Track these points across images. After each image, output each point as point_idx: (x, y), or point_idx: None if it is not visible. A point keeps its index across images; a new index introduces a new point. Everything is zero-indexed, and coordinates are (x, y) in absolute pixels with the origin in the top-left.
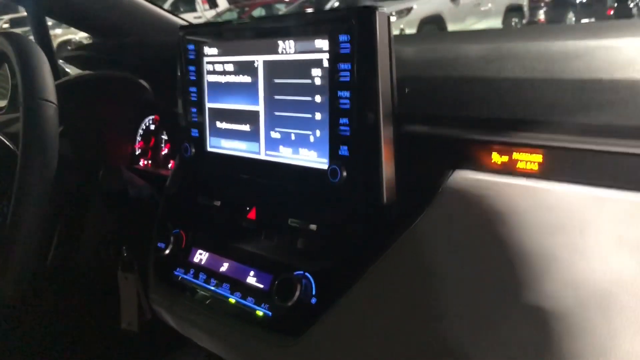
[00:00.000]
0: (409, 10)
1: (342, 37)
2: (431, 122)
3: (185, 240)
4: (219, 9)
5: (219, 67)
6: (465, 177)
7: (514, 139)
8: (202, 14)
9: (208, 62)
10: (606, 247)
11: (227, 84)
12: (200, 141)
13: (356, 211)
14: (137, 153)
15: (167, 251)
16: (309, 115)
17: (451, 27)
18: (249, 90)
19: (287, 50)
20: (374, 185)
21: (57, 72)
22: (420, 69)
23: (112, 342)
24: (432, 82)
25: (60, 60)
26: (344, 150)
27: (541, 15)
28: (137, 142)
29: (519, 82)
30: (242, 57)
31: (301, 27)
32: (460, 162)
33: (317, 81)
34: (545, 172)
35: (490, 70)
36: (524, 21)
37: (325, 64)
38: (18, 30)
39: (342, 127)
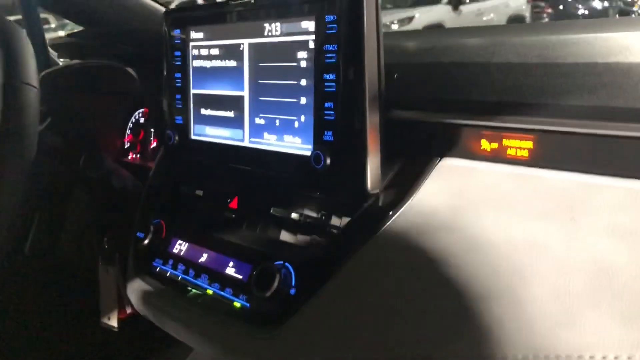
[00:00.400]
0: (410, 19)
1: (329, 18)
2: (419, 108)
3: (165, 230)
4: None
5: (204, 52)
6: (454, 164)
7: (504, 123)
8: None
9: (194, 47)
10: (598, 235)
11: (213, 69)
12: (185, 129)
13: (340, 200)
14: (126, 147)
15: (146, 241)
16: (294, 100)
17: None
18: (234, 75)
19: (273, 32)
20: (358, 173)
21: (49, 62)
22: (410, 55)
23: (91, 338)
24: (422, 67)
25: (53, 52)
26: (328, 135)
27: None
28: (126, 135)
29: (511, 67)
30: (227, 41)
31: (287, 8)
32: (449, 149)
33: (303, 64)
34: (536, 159)
35: (482, 56)
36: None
37: (312, 45)
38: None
39: (327, 112)
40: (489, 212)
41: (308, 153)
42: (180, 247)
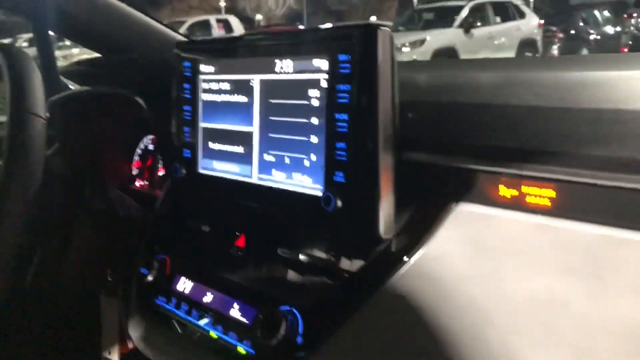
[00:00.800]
0: (422, 41)
1: (342, 57)
2: (434, 150)
3: (169, 267)
4: (235, 35)
5: (214, 86)
6: (470, 210)
7: (524, 170)
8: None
9: (204, 80)
10: (624, 293)
11: (222, 103)
12: (192, 162)
13: (350, 244)
14: (133, 173)
15: (150, 277)
16: (305, 138)
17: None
18: (244, 110)
19: (285, 69)
20: (370, 217)
21: (59, 87)
22: (425, 94)
23: None
24: (437, 107)
25: (64, 78)
26: (339, 176)
27: (554, 50)
28: (134, 162)
29: (531, 110)
30: (238, 76)
31: (300, 45)
32: (465, 194)
33: (315, 102)
34: (558, 208)
35: (500, 97)
36: (537, 56)
37: (324, 84)
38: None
39: (338, 152)
40: (508, 263)
41: (318, 193)
42: (185, 285)
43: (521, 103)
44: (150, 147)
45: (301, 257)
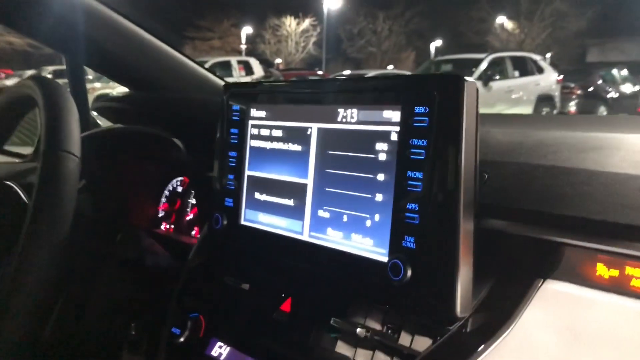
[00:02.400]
0: None
1: (419, 109)
2: (517, 219)
3: (203, 328)
4: (255, 77)
5: (265, 132)
6: (560, 290)
7: (630, 249)
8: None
9: (253, 126)
10: None
11: (273, 150)
12: (234, 212)
13: (421, 321)
14: (160, 215)
15: (182, 339)
16: (368, 195)
17: (482, 112)
18: (297, 160)
19: (348, 119)
20: (446, 291)
21: (88, 123)
22: (501, 153)
23: None
24: (518, 169)
25: (94, 113)
26: (409, 241)
27: (572, 106)
28: (161, 203)
29: (630, 179)
30: (293, 123)
31: (367, 94)
32: (553, 271)
33: (382, 156)
34: None
35: (592, 160)
36: (555, 111)
37: (394, 137)
38: (59, 82)
39: (409, 214)
40: (607, 355)
41: (382, 258)
42: (221, 350)
43: (618, 170)
44: (179, 189)
45: (359, 331)
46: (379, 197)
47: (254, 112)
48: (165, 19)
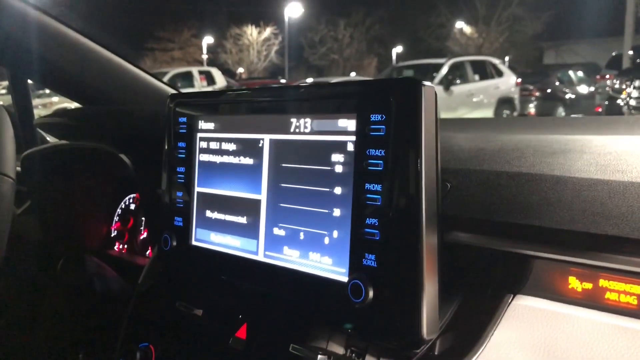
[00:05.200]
0: None
1: (375, 117)
2: (483, 231)
3: (154, 359)
4: (217, 87)
5: (214, 145)
6: (531, 306)
7: (602, 260)
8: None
9: (202, 139)
10: None
11: (223, 165)
12: (184, 232)
13: (385, 345)
14: (112, 235)
15: None
16: (325, 210)
17: (443, 116)
18: (249, 174)
19: (302, 129)
20: (411, 312)
21: (35, 140)
22: (463, 160)
23: None
24: (482, 177)
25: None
26: (370, 259)
27: (531, 108)
28: (113, 222)
29: (595, 183)
30: (244, 135)
31: (321, 102)
32: (523, 285)
33: (338, 168)
34: None
35: (558, 165)
36: (515, 114)
37: (350, 147)
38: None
39: (368, 229)
40: None
41: (342, 278)
42: None
43: (587, 175)
44: (132, 206)
45: (320, 357)
46: (336, 212)
47: (202, 124)
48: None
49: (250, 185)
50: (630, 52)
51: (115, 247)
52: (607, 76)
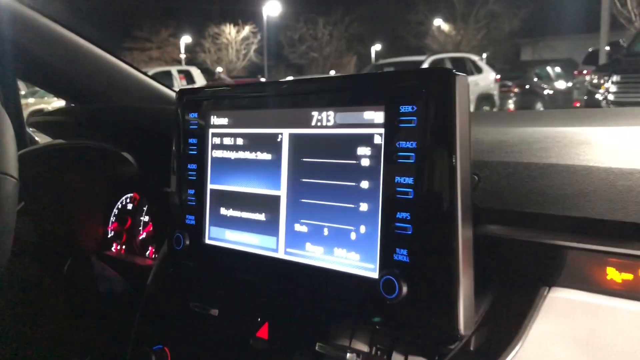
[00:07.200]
0: None
1: (405, 109)
2: (515, 223)
3: None
4: (196, 86)
5: (228, 141)
6: (569, 298)
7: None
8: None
9: (214, 135)
10: None
11: (238, 161)
12: (197, 230)
13: (419, 342)
14: (109, 236)
15: None
16: (351, 205)
17: None
18: (267, 170)
19: (324, 122)
20: (448, 307)
21: (25, 140)
22: (485, 152)
23: None
24: (510, 169)
25: (31, 129)
26: (401, 254)
27: (510, 104)
28: (110, 223)
29: (633, 174)
30: (261, 130)
31: (345, 94)
32: (559, 277)
33: (365, 162)
34: None
35: (586, 156)
36: (495, 109)
37: (378, 140)
38: None
39: (399, 224)
40: None
41: (371, 274)
42: None
43: (620, 165)
44: (129, 206)
45: (349, 356)
46: (363, 206)
47: (214, 120)
48: (101, 30)
49: (268, 181)
50: (607, 48)
51: (113, 248)
52: (585, 72)
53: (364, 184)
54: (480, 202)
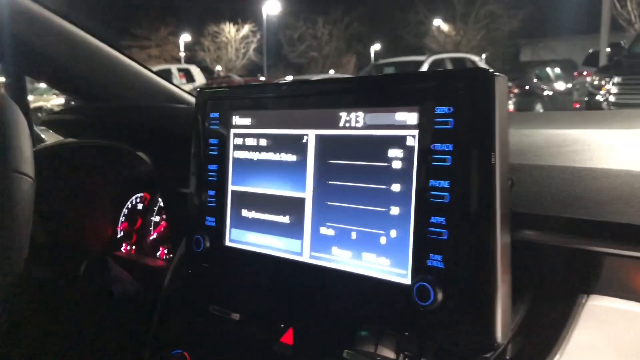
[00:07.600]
0: None
1: (441, 110)
2: (552, 228)
3: None
4: (196, 84)
5: (250, 141)
6: (608, 306)
7: None
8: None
9: (236, 135)
10: None
11: (261, 162)
12: (218, 232)
13: (453, 350)
14: (118, 236)
15: None
16: (381, 209)
17: None
18: (291, 171)
19: (353, 123)
20: (485, 315)
21: (32, 138)
22: (513, 156)
23: None
24: (544, 173)
25: (42, 127)
26: (436, 260)
27: (510, 105)
28: (120, 223)
29: None
30: (285, 130)
31: (375, 95)
32: (598, 284)
33: (397, 164)
34: None
35: (624, 160)
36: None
37: (411, 142)
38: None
39: (434, 229)
40: None
41: (402, 280)
42: None
43: None
44: (140, 206)
45: None
46: (394, 210)
47: (236, 120)
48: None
49: (292, 183)
50: (608, 49)
51: (122, 249)
52: (585, 73)
53: (395, 187)
54: (515, 207)
